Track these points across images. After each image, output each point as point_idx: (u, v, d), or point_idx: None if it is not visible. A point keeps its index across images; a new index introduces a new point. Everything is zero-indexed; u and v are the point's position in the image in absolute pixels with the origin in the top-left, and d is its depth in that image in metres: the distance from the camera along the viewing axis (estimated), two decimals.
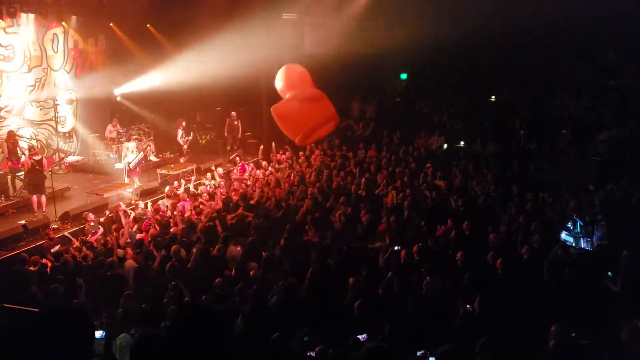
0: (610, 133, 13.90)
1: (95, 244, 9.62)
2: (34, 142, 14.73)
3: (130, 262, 8.55)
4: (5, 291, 7.62)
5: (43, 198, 11.61)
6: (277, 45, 18.26)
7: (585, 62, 17.32)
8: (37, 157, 11.57)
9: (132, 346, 2.79)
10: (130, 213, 10.90)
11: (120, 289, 7.33)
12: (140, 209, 11.27)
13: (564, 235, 9.56)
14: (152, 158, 15.68)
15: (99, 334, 5.04)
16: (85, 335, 2.35)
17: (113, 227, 10.30)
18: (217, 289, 7.21)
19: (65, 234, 10.66)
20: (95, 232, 10.18)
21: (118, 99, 16.50)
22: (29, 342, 2.33)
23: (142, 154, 13.99)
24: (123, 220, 10.13)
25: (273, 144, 14.59)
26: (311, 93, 9.97)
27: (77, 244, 9.83)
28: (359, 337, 5.34)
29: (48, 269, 8.49)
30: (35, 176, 11.50)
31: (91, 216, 10.60)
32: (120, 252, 8.81)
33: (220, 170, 14.08)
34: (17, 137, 12.98)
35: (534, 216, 9.78)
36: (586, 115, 15.67)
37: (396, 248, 8.24)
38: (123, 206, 11.05)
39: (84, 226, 10.68)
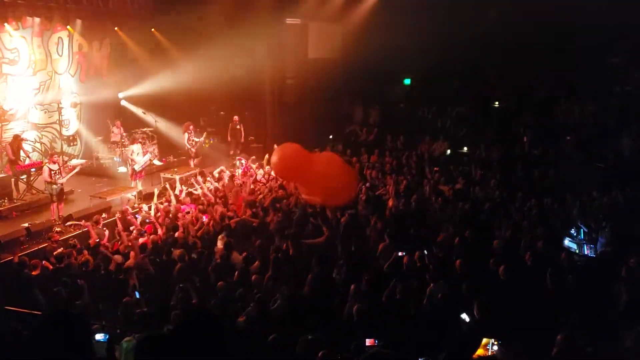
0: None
1: (102, 247, 9.61)
2: (37, 146, 14.79)
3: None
4: (8, 293, 7.63)
5: (62, 204, 11.74)
6: (281, 50, 18.34)
7: (590, 67, 17.31)
8: (55, 167, 11.60)
9: (136, 347, 2.79)
10: (137, 218, 10.93)
11: (124, 293, 7.33)
12: (144, 212, 11.29)
13: (567, 242, 9.53)
14: (156, 162, 15.71)
15: (101, 336, 5.03)
16: (83, 339, 2.35)
17: (116, 230, 10.31)
18: (220, 293, 7.18)
19: (69, 236, 10.66)
20: (104, 236, 10.18)
21: (122, 102, 16.55)
22: (27, 344, 2.34)
23: (149, 155, 14.00)
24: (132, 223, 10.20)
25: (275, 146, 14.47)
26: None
27: (79, 246, 9.83)
28: (367, 341, 5.31)
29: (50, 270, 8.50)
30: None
31: (101, 220, 10.63)
32: (118, 257, 8.78)
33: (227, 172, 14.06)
34: (22, 140, 13.05)
35: (537, 222, 9.75)
36: (591, 121, 15.65)
37: (400, 254, 8.21)
38: (130, 210, 11.09)
39: (93, 225, 10.62)
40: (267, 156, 14.39)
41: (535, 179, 13.09)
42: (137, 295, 7.42)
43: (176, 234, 9.65)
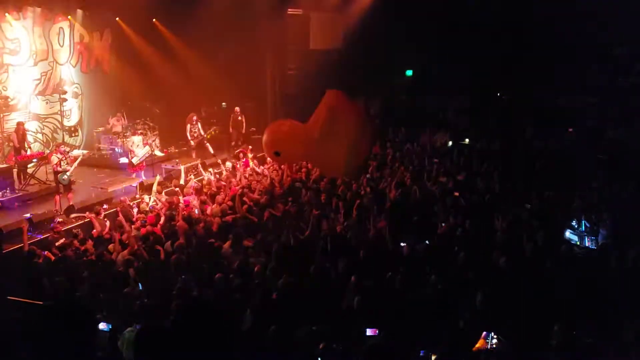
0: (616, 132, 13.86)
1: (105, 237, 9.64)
2: (39, 136, 14.79)
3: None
4: (11, 283, 7.66)
5: (71, 194, 11.75)
6: (282, 41, 18.28)
7: (593, 59, 17.25)
8: (61, 156, 11.61)
9: (135, 338, 2.80)
10: (134, 208, 10.94)
11: (124, 283, 7.35)
12: (144, 203, 11.30)
13: (568, 234, 9.54)
14: (157, 153, 15.71)
15: (103, 326, 5.06)
16: (87, 328, 2.37)
17: (117, 221, 10.32)
18: (218, 285, 7.19)
19: (72, 226, 10.68)
20: (105, 227, 10.19)
21: (123, 93, 16.53)
22: (31, 333, 2.35)
23: (147, 148, 14.01)
24: (129, 214, 10.21)
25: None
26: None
27: (82, 236, 9.84)
28: (368, 331, 5.33)
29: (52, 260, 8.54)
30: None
31: (102, 211, 10.64)
32: (116, 247, 8.80)
33: (228, 164, 14.09)
34: (25, 129, 13.05)
35: (538, 214, 9.75)
36: (593, 113, 15.61)
37: (401, 244, 8.23)
38: (128, 201, 11.10)
39: (94, 215, 10.62)
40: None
41: (537, 171, 13.08)
42: (140, 287, 7.44)
43: (177, 225, 9.65)
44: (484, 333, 5.29)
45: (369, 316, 6.19)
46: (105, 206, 11.34)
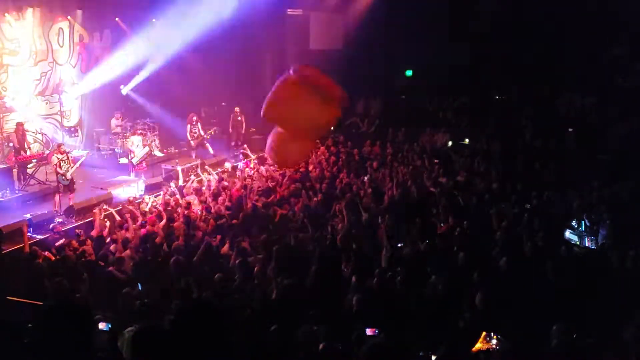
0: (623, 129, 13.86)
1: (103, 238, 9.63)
2: (39, 137, 14.78)
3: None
4: (10, 283, 7.66)
5: (72, 195, 11.73)
6: (282, 41, 18.29)
7: (592, 59, 17.26)
8: (62, 156, 11.60)
9: (132, 338, 2.79)
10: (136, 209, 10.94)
11: (123, 284, 7.35)
12: (144, 204, 11.31)
13: (568, 234, 9.54)
14: (157, 153, 15.71)
15: (103, 326, 5.05)
16: (85, 329, 2.37)
17: (117, 221, 10.32)
18: (218, 284, 7.18)
19: (72, 227, 10.68)
20: (105, 227, 10.19)
21: (123, 93, 16.53)
22: (30, 334, 2.35)
23: (147, 149, 14.01)
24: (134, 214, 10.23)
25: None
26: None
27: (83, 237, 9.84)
28: (368, 330, 5.32)
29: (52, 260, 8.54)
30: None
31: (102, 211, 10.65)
32: (114, 247, 8.81)
33: (228, 165, 14.14)
34: (25, 129, 13.05)
35: (538, 214, 9.75)
36: (593, 113, 15.61)
37: (400, 245, 8.23)
38: (129, 201, 11.11)
39: (97, 214, 10.60)
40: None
41: (537, 171, 13.08)
42: (139, 287, 7.44)
43: (175, 226, 9.65)
44: (484, 333, 5.28)
45: (369, 316, 6.18)
46: (105, 206, 11.34)
